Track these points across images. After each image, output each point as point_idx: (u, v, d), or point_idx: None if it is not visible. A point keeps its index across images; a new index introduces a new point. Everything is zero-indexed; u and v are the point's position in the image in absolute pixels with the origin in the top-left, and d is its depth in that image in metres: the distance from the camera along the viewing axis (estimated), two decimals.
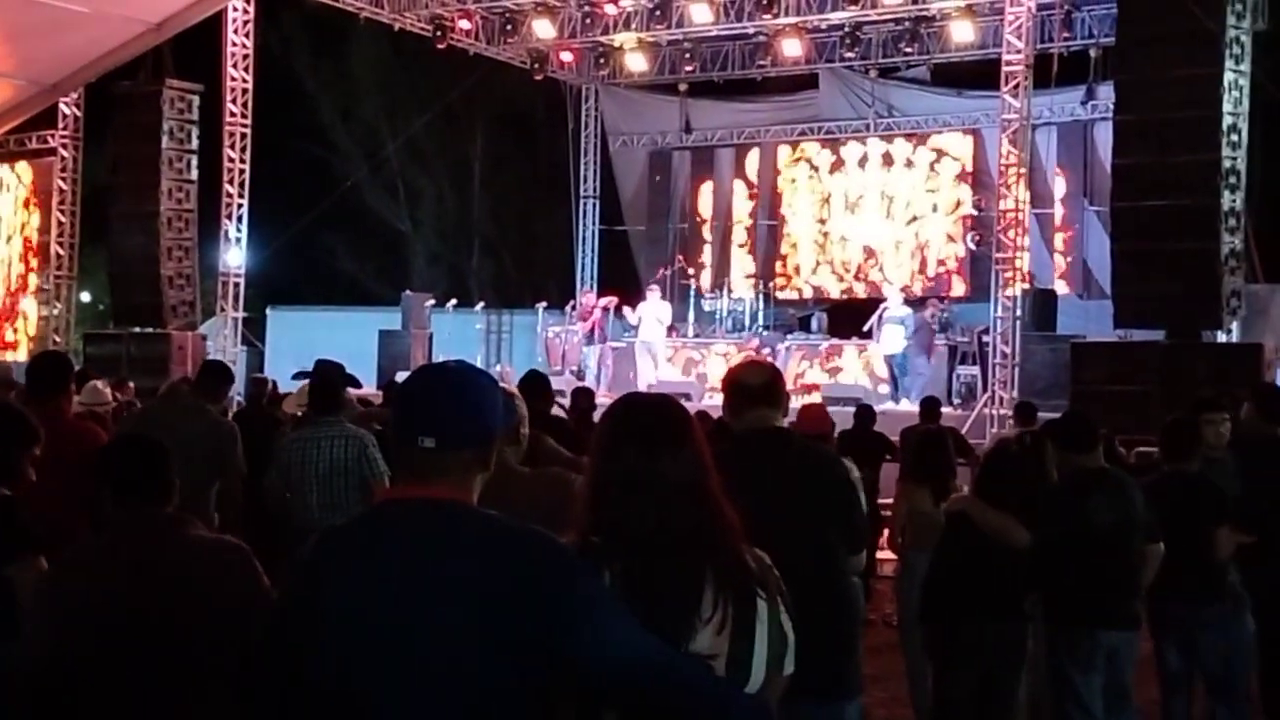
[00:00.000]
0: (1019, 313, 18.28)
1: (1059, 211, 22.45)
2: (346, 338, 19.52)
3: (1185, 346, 15.82)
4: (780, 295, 23.67)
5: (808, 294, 24.32)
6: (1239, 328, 17.00)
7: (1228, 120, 15.66)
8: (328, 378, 7.53)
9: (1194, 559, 6.54)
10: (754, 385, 4.56)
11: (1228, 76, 15.63)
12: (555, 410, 8.88)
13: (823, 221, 24.39)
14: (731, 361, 21.04)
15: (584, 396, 10.38)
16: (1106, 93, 19.50)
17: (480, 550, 2.40)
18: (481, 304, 25.10)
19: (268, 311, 26.07)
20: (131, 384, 14.32)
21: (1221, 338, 16.55)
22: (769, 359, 19.35)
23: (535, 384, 8.03)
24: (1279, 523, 6.77)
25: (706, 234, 25.61)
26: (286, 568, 2.73)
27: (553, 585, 2.38)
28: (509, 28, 22.68)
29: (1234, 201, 15.86)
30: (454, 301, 23.71)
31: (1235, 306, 16.04)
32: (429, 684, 2.35)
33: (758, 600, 2.64)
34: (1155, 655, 6.91)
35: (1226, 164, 15.67)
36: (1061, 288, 21.37)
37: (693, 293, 22.87)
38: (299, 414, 9.00)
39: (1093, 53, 21.04)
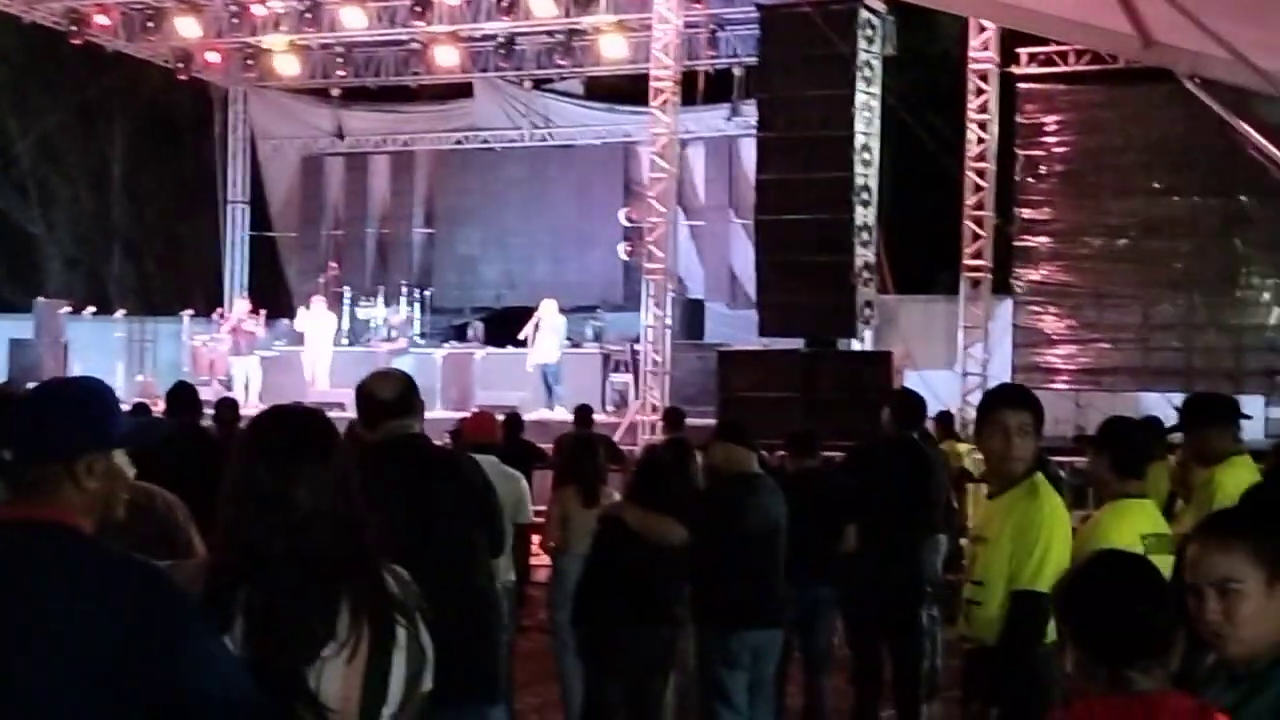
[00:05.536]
0: (669, 321, 18.76)
1: (708, 224, 23.08)
2: None
3: (822, 354, 16.61)
4: (437, 304, 23.46)
5: (464, 302, 24.23)
6: (872, 336, 17.97)
7: (860, 139, 16.53)
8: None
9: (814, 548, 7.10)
10: (387, 398, 4.51)
11: (859, 98, 16.50)
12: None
13: (484, 228, 24.35)
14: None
15: (228, 408, 10.02)
16: (750, 110, 20.11)
17: (75, 577, 2.32)
18: (123, 311, 23.95)
19: None
20: None
21: (856, 345, 17.45)
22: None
23: (183, 396, 7.74)
24: (898, 517, 7.29)
25: (361, 241, 25.22)
26: None
27: (153, 617, 2.29)
28: (150, 25, 21.74)
29: (866, 216, 16.75)
30: (92, 309, 22.61)
31: (868, 316, 16.94)
32: (19, 714, 2.26)
33: (397, 628, 2.58)
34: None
35: (859, 181, 16.54)
36: (709, 298, 21.96)
37: (347, 301, 22.43)
38: None
39: (736, 71, 21.57)
